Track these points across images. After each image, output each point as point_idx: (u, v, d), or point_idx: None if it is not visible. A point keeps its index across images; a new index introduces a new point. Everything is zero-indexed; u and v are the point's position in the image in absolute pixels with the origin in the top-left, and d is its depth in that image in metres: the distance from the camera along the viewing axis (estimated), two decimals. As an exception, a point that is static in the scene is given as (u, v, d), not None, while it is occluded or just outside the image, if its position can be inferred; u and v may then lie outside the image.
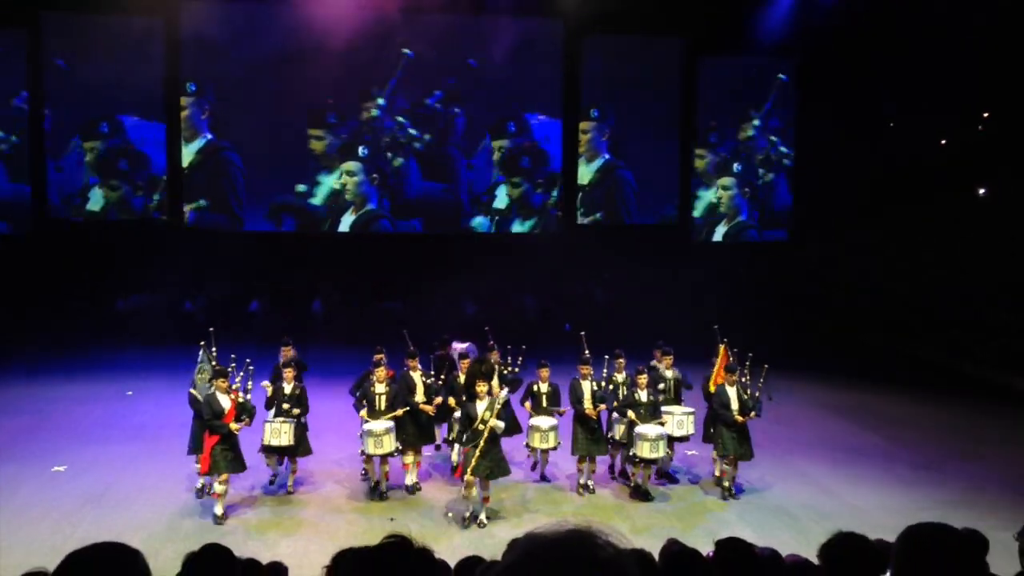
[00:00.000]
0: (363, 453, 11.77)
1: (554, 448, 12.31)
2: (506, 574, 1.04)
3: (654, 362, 13.12)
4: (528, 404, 12.53)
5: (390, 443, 11.53)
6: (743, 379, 12.52)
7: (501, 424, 10.94)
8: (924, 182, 23.76)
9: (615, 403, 12.37)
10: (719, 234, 27.13)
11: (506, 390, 11.82)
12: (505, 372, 12.87)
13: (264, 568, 5.54)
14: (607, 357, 12.86)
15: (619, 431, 12.40)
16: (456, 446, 12.12)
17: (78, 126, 23.45)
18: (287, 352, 12.66)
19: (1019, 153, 23.11)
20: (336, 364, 15.69)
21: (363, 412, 11.88)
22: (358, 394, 12.12)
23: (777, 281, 25.19)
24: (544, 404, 12.36)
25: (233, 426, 10.85)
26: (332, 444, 13.19)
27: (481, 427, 10.73)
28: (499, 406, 10.95)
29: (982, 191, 25.76)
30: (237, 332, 21.67)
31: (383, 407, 11.81)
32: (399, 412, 11.86)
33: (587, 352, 12.79)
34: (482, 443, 10.63)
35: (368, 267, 23.92)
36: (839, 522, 10.37)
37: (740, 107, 26.93)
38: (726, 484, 12.11)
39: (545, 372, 12.48)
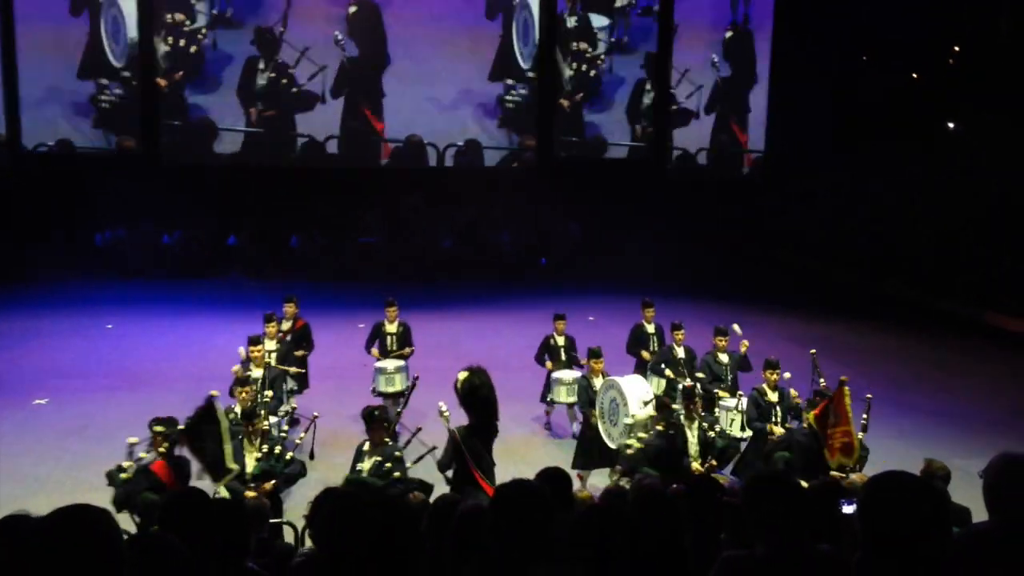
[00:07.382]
0: (375, 391, 11.60)
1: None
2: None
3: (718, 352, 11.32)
4: (549, 363, 11.87)
5: (401, 382, 11.47)
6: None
7: None
8: (896, 117, 23.83)
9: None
10: (694, 170, 27.09)
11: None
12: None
13: (241, 507, 5.26)
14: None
15: (656, 385, 11.32)
16: None
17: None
18: (289, 309, 12.03)
19: (988, 87, 23.19)
20: (317, 300, 15.65)
21: (374, 350, 11.94)
22: (368, 335, 12.11)
23: (751, 217, 25.30)
24: (563, 357, 11.84)
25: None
26: (328, 385, 12.75)
27: None
28: None
29: (952, 125, 25.85)
30: (219, 267, 21.80)
31: (394, 347, 11.91)
32: (407, 352, 11.90)
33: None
34: None
35: (345, 202, 23.79)
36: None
37: (716, 43, 26.79)
38: None
39: (562, 324, 12.10)
